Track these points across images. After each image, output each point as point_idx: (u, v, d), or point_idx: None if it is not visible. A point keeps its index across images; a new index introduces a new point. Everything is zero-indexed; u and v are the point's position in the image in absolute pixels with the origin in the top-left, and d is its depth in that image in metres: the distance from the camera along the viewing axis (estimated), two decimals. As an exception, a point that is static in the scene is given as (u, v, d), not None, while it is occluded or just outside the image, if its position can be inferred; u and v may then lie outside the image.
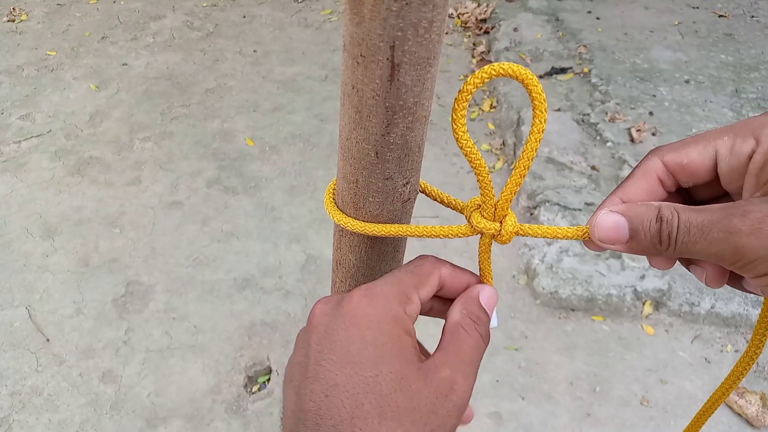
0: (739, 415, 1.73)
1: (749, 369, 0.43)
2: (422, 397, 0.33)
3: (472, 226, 0.39)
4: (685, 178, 0.36)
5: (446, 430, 0.34)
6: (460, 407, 0.34)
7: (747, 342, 1.93)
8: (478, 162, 0.37)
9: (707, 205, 0.33)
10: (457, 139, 0.36)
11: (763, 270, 0.31)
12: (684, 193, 0.39)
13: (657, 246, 0.34)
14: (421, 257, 0.40)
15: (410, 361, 0.34)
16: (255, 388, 1.81)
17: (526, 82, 0.33)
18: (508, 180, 0.38)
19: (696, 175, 0.36)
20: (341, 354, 0.34)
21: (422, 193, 0.42)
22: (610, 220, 0.36)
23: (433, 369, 0.35)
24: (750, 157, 0.33)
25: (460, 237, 0.40)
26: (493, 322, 0.42)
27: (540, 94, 0.34)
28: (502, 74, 0.33)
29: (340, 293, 0.50)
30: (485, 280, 0.42)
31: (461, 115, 0.35)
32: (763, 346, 0.41)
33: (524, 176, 0.37)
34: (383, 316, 0.35)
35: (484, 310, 0.38)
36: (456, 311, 0.38)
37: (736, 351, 1.90)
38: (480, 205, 0.39)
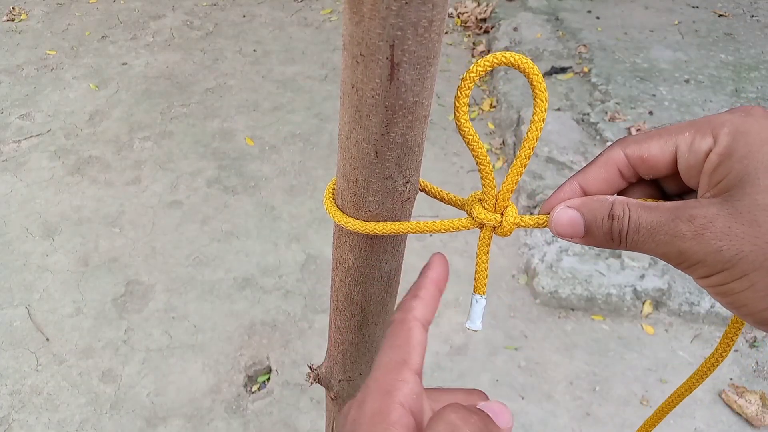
0: (738, 414, 1.73)
1: (711, 372, 0.43)
2: None
3: (473, 218, 0.39)
4: (646, 171, 0.37)
5: None
6: None
7: (747, 341, 1.93)
8: (480, 150, 0.37)
9: (659, 203, 0.34)
10: (459, 127, 0.36)
11: (704, 272, 0.32)
12: (653, 183, 0.39)
13: (609, 242, 0.35)
14: (394, 323, 0.37)
15: None
16: (255, 388, 1.81)
17: (527, 71, 0.34)
18: (510, 170, 0.38)
19: (656, 169, 0.36)
20: None
21: (421, 191, 0.42)
22: (567, 216, 0.36)
23: None
24: (707, 155, 0.33)
25: (461, 230, 0.40)
26: (476, 325, 0.41)
27: (540, 83, 0.34)
28: (504, 63, 0.33)
29: (339, 291, 0.50)
30: (479, 276, 0.41)
31: (464, 102, 0.35)
32: (726, 354, 0.41)
33: (525, 165, 0.37)
34: (366, 418, 0.33)
35: (491, 422, 0.32)
36: (448, 410, 0.32)
37: (736, 350, 1.91)
38: (480, 199, 0.39)
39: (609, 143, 2.51)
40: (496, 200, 0.39)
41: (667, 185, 0.38)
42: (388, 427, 0.31)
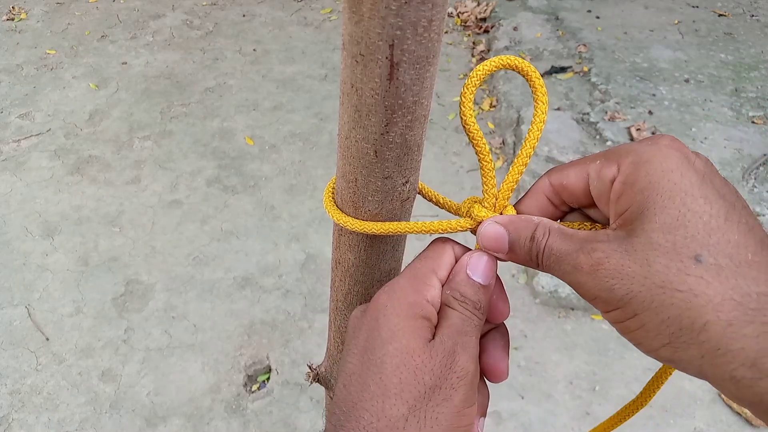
0: (738, 414, 1.73)
1: (632, 416, 0.43)
2: (426, 371, 0.33)
3: (472, 218, 0.39)
4: (569, 199, 0.38)
5: (452, 404, 0.33)
6: (463, 378, 0.34)
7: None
8: (483, 147, 0.38)
9: (577, 231, 0.35)
10: (464, 125, 0.36)
11: (602, 308, 0.32)
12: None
13: (530, 262, 0.36)
14: (433, 242, 0.40)
15: (419, 336, 0.35)
16: (254, 387, 1.81)
17: (529, 74, 0.35)
18: (510, 169, 0.38)
19: (576, 196, 0.37)
20: (360, 346, 0.36)
21: (419, 194, 0.42)
22: (493, 231, 0.37)
23: (438, 342, 0.35)
24: (612, 183, 0.34)
25: (459, 231, 0.40)
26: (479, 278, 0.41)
27: (542, 87, 0.35)
28: (508, 66, 0.34)
29: (338, 290, 0.50)
30: None
31: (470, 99, 0.35)
32: (649, 400, 0.41)
33: (526, 164, 0.38)
34: (400, 306, 0.36)
35: (472, 283, 0.37)
36: (444, 291, 0.38)
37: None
38: (477, 201, 0.39)
39: (609, 143, 2.52)
40: (496, 200, 0.39)
41: (592, 215, 0.38)
42: (420, 319, 0.36)
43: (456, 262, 0.40)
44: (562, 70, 3.03)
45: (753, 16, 3.55)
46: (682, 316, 0.29)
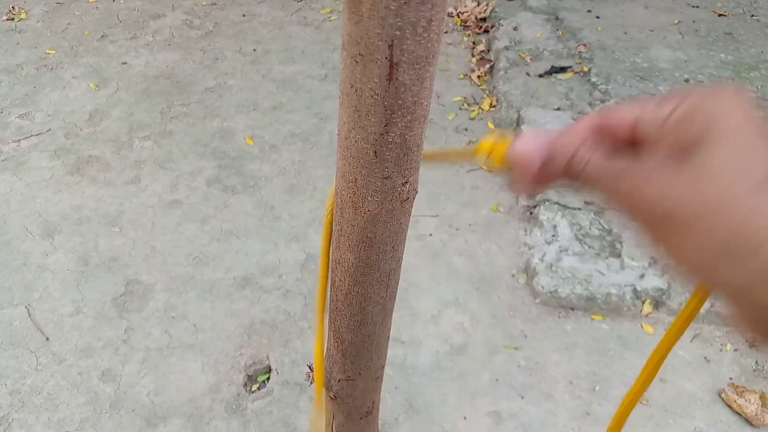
0: (738, 414, 1.73)
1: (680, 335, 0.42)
2: None
3: (496, 139, 0.39)
4: (610, 139, 0.36)
5: None
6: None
7: (747, 341, 1.93)
8: None
9: (623, 153, 0.33)
10: None
11: (642, 224, 0.31)
12: None
13: (567, 173, 0.35)
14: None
15: None
16: (254, 387, 1.81)
17: None
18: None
19: (618, 137, 0.35)
20: None
21: (428, 158, 0.41)
22: (533, 138, 0.36)
23: None
24: (668, 116, 0.32)
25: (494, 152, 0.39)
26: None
27: None
28: None
29: (338, 290, 0.49)
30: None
31: None
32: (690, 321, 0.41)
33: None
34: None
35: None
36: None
37: (736, 350, 1.90)
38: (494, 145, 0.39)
39: (609, 143, 2.52)
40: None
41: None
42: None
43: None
44: (562, 70, 3.03)
45: (753, 16, 3.55)
46: (729, 240, 0.27)
